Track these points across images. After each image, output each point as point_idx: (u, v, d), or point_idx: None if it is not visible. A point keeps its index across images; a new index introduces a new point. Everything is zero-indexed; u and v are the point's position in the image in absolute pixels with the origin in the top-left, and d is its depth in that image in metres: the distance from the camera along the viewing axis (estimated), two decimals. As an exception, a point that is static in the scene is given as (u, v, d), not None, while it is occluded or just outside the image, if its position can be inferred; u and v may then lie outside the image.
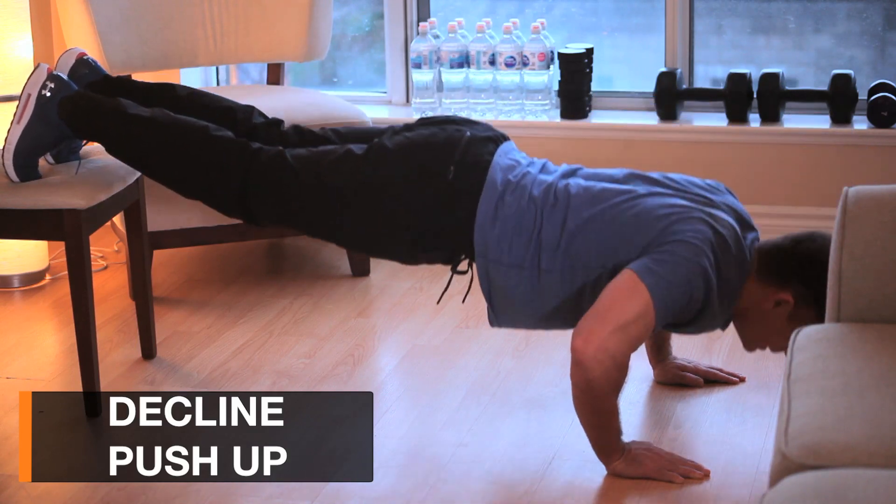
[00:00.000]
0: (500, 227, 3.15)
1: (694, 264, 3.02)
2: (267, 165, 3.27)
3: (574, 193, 3.15)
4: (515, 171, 3.21)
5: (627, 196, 3.14)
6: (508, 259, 3.14)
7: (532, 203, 3.15)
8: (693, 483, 3.08)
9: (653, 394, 3.52)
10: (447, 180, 3.19)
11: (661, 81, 4.69)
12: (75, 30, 4.36)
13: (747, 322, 3.19)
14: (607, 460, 3.10)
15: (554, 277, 3.12)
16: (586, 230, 3.11)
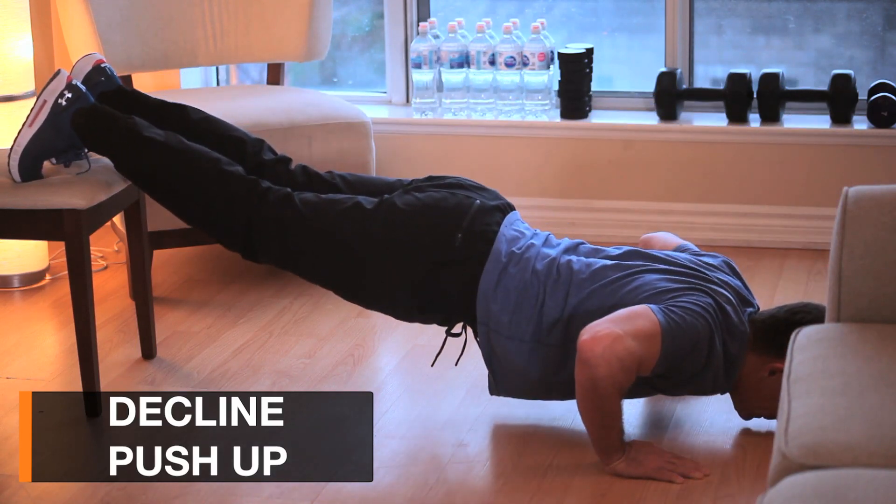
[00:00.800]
0: (502, 297, 3.20)
1: (701, 323, 3.09)
2: (275, 207, 3.31)
3: (576, 269, 3.21)
4: (519, 242, 3.27)
5: (628, 272, 3.20)
6: (508, 331, 3.19)
7: (535, 277, 3.20)
8: (693, 483, 3.08)
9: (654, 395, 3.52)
10: (453, 247, 3.24)
11: (661, 81, 4.68)
12: (75, 30, 4.36)
13: (743, 391, 3.23)
14: (608, 459, 3.11)
15: (554, 352, 3.17)
16: (587, 305, 3.15)
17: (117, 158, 3.42)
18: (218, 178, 3.34)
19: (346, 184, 3.47)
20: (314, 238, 3.29)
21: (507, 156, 4.79)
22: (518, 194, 4.76)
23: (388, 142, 4.77)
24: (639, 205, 4.72)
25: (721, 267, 3.31)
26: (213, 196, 3.34)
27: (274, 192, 3.33)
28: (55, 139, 3.40)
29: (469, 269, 3.23)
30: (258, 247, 3.33)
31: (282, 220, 3.30)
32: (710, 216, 4.68)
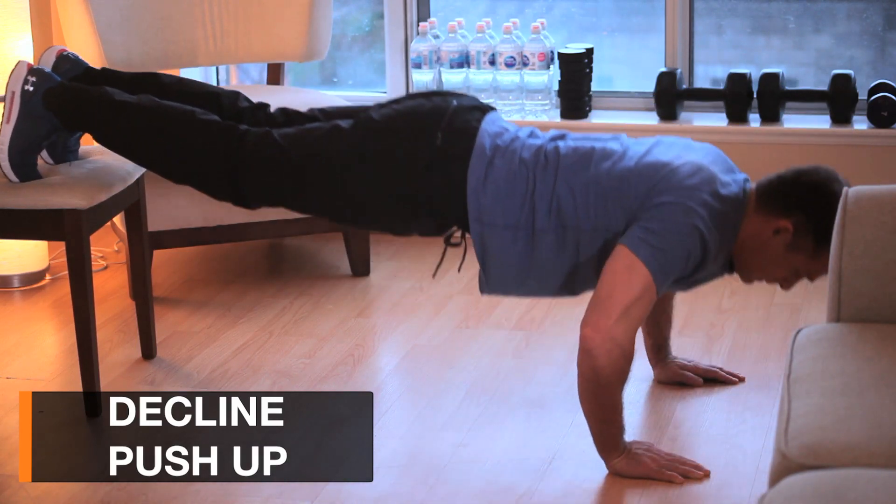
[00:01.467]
0: (492, 190, 3.16)
1: (685, 225, 3.04)
2: (255, 146, 3.27)
3: (563, 154, 3.18)
4: (504, 136, 3.23)
5: (614, 156, 3.16)
6: (503, 221, 3.16)
7: (523, 165, 3.17)
8: (693, 483, 3.08)
9: (653, 394, 3.52)
10: (436, 146, 3.20)
11: (661, 81, 4.69)
12: (75, 30, 4.36)
13: (745, 253, 3.18)
14: (608, 457, 3.11)
15: (548, 238, 3.14)
16: (575, 190, 3.13)
17: (95, 129, 3.40)
18: (195, 129, 3.31)
19: (324, 115, 3.44)
20: (298, 167, 3.26)
21: (507, 156, 4.79)
22: (518, 194, 4.77)
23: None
24: (639, 205, 4.72)
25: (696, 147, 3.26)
26: (193, 147, 3.31)
27: (252, 133, 3.30)
28: (35, 127, 3.39)
29: (455, 168, 3.19)
30: (246, 190, 3.30)
31: (263, 157, 3.27)
32: (710, 216, 4.68)
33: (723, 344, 3.84)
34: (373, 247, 4.59)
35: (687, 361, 3.60)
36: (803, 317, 4.02)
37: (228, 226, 4.26)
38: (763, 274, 3.23)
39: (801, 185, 3.14)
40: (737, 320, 4.01)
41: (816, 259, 3.14)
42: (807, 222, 3.11)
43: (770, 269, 3.19)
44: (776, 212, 3.13)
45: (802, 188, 3.14)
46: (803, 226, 3.11)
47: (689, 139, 3.29)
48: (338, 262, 4.56)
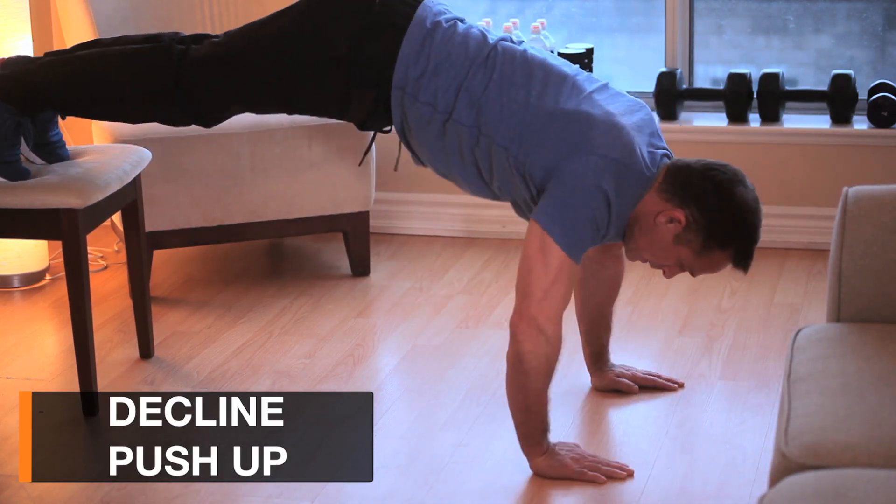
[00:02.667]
0: (423, 63, 3.15)
1: (594, 193, 3.02)
2: (194, 54, 3.26)
3: (507, 59, 3.15)
4: (446, 15, 3.22)
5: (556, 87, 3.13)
6: (424, 96, 3.14)
7: (463, 51, 3.15)
8: (693, 483, 3.08)
9: (653, 394, 3.52)
10: (372, 12, 3.18)
11: (661, 81, 4.69)
12: (75, 30, 4.36)
13: (636, 229, 3.15)
14: (530, 453, 3.10)
15: (462, 131, 3.13)
16: (504, 103, 3.10)
17: (46, 98, 3.38)
18: (132, 59, 3.30)
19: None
20: (240, 56, 3.25)
21: (507, 156, 4.79)
22: (518, 194, 4.77)
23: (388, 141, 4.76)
24: (639, 205, 4.72)
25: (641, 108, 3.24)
26: (136, 74, 3.29)
27: (192, 47, 3.29)
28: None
29: (391, 34, 3.17)
30: (200, 103, 3.28)
31: (204, 63, 3.25)
32: (710, 216, 4.68)
33: (723, 344, 3.84)
34: (373, 247, 4.59)
35: (625, 369, 3.58)
36: (803, 317, 4.02)
37: (228, 226, 4.27)
38: (647, 255, 3.17)
39: (705, 180, 3.10)
40: (737, 320, 4.01)
41: (701, 256, 3.11)
42: (700, 218, 3.07)
43: (655, 253, 3.15)
44: (674, 199, 3.09)
45: (706, 183, 3.09)
46: (695, 221, 3.08)
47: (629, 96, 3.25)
48: (338, 262, 4.56)
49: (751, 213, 3.08)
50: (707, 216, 3.07)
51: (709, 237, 3.08)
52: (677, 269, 3.16)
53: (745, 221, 3.07)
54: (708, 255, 3.11)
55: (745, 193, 3.09)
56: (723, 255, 3.10)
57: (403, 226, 4.84)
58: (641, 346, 3.85)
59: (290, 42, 3.22)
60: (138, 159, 3.65)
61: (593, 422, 3.41)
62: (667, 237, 3.11)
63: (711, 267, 3.14)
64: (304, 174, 4.27)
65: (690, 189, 3.09)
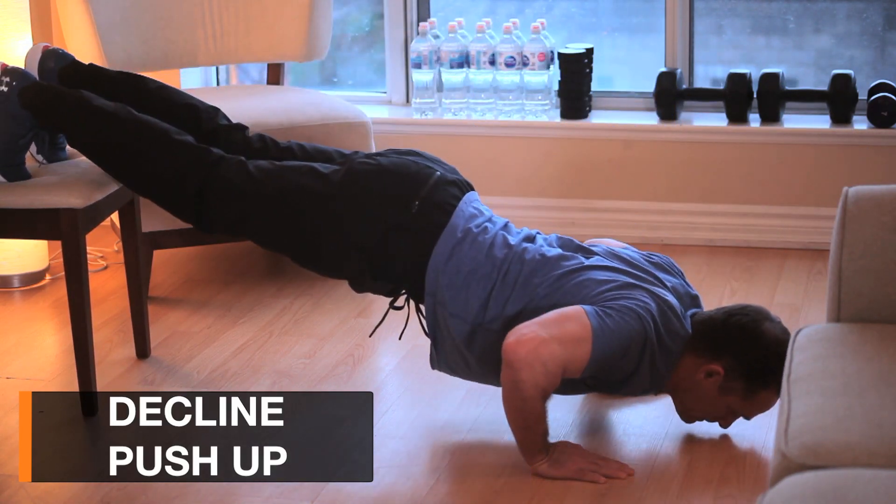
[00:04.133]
0: (451, 273, 3.17)
1: (636, 327, 3.07)
2: (227, 173, 3.28)
3: (528, 259, 3.18)
4: (477, 220, 3.25)
5: (575, 264, 3.18)
6: (453, 308, 3.17)
7: (490, 261, 3.18)
8: (693, 483, 3.08)
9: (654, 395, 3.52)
10: (410, 213, 3.22)
11: (661, 81, 4.68)
12: (75, 30, 4.36)
13: (680, 392, 3.22)
14: (531, 460, 3.11)
15: (494, 336, 3.14)
16: (531, 297, 3.14)
17: (69, 132, 3.39)
18: (168, 148, 3.31)
19: (302, 151, 3.44)
20: (267, 202, 3.26)
21: (507, 156, 4.79)
22: (518, 194, 4.77)
23: (388, 142, 4.76)
24: (639, 205, 4.72)
25: (666, 267, 3.31)
26: (163, 166, 3.30)
27: (226, 160, 3.29)
28: (14, 126, 3.38)
29: (423, 239, 3.20)
30: (211, 215, 3.30)
31: (234, 186, 3.26)
32: (710, 216, 4.68)
33: (723, 344, 3.83)
34: (373, 247, 4.58)
35: None
36: (803, 317, 4.02)
37: (228, 226, 4.26)
38: (700, 412, 3.24)
39: (730, 328, 3.15)
40: (737, 320, 4.01)
41: (748, 400, 3.17)
42: (737, 365, 3.13)
43: (706, 409, 3.22)
44: (707, 355, 3.15)
45: (731, 331, 3.15)
46: (733, 369, 3.13)
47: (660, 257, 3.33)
48: (338, 262, 4.56)
49: (783, 346, 3.04)
50: (742, 361, 3.13)
51: (750, 380, 3.13)
52: (731, 416, 3.22)
53: (779, 355, 2.99)
54: (755, 397, 3.16)
55: (772, 328, 3.15)
56: (769, 393, 3.15)
57: (403, 226, 4.83)
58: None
59: (321, 213, 3.24)
60: (138, 159, 3.65)
61: (593, 422, 3.41)
62: (711, 391, 3.16)
63: (762, 407, 3.19)
64: (304, 174, 4.26)
65: (719, 340, 3.14)
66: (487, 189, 4.63)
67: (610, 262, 3.21)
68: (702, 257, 4.52)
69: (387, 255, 3.22)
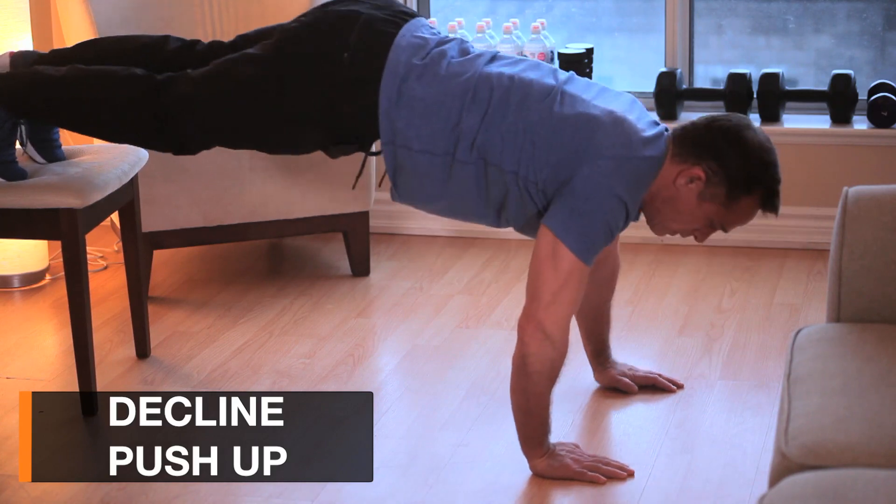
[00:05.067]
0: (406, 113, 3.08)
1: (609, 197, 3.00)
2: (174, 91, 3.24)
3: (496, 86, 3.09)
4: (422, 51, 3.13)
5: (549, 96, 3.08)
6: (419, 145, 3.09)
7: (450, 94, 3.08)
8: (693, 483, 3.08)
9: (653, 394, 3.52)
10: (342, 66, 3.11)
11: (661, 81, 4.69)
12: (75, 30, 4.36)
13: (658, 203, 3.12)
14: (531, 454, 3.10)
15: (468, 169, 3.08)
16: (503, 131, 3.06)
17: (33, 109, 3.38)
18: (116, 88, 3.28)
19: (244, 40, 3.38)
20: (217, 104, 3.21)
21: (507, 156, 4.79)
22: (518, 194, 4.76)
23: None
24: (639, 205, 4.72)
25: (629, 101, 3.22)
26: (118, 106, 3.28)
27: (172, 79, 3.26)
28: None
29: (366, 88, 3.10)
30: (178, 137, 3.26)
31: (184, 100, 3.23)
32: (710, 216, 4.68)
33: (723, 344, 3.84)
34: (373, 247, 4.59)
35: (627, 368, 3.58)
36: (803, 317, 4.02)
37: (228, 226, 4.26)
38: (676, 224, 3.15)
39: (713, 131, 3.08)
40: (737, 320, 4.01)
41: (729, 208, 3.09)
42: (719, 169, 3.05)
43: (683, 219, 3.13)
44: (688, 160, 3.07)
45: (713, 134, 3.08)
46: (715, 173, 3.06)
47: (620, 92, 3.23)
48: (338, 262, 4.56)
49: (766, 153, 3.06)
50: (725, 164, 3.05)
51: (732, 185, 3.05)
52: (709, 229, 3.14)
53: (763, 161, 3.04)
54: (735, 205, 3.08)
55: (755, 136, 3.07)
56: (750, 200, 3.08)
57: (403, 226, 4.84)
58: (641, 346, 3.85)
59: (264, 97, 3.17)
60: (136, 159, 3.65)
61: (593, 422, 3.41)
62: (691, 198, 3.09)
63: (742, 216, 3.11)
64: (304, 174, 4.27)
65: (701, 144, 3.07)
66: (487, 189, 4.63)
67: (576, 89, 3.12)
68: (702, 257, 4.52)
69: (337, 117, 3.13)
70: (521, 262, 4.51)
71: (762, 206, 3.08)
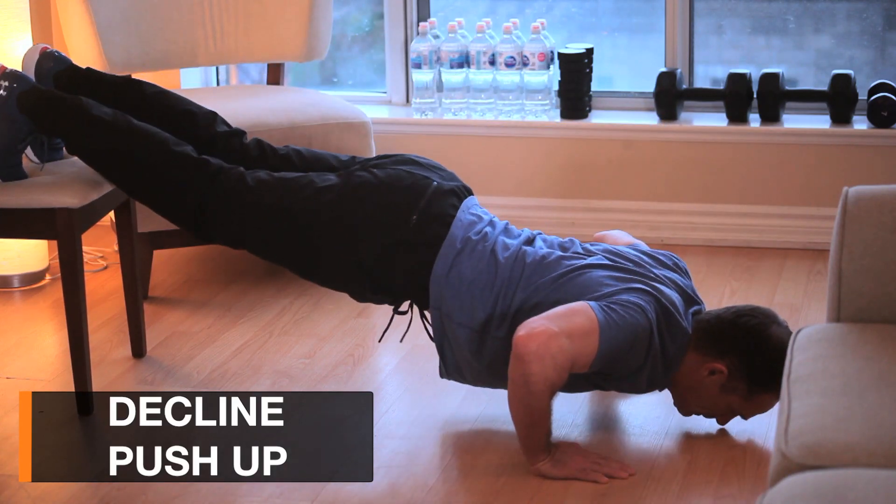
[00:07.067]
0: (454, 284, 3.17)
1: (640, 321, 3.07)
2: (227, 186, 3.28)
3: (528, 262, 3.19)
4: (476, 227, 3.24)
5: (576, 264, 3.18)
6: (459, 317, 3.17)
7: (491, 268, 3.17)
8: (693, 483, 3.08)
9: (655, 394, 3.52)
10: (408, 227, 3.22)
11: (661, 81, 4.68)
12: (75, 30, 4.36)
13: (682, 388, 3.23)
14: (533, 459, 3.11)
15: (500, 343, 3.15)
16: (533, 298, 3.14)
17: (67, 138, 3.39)
18: (167, 160, 3.30)
19: (300, 158, 3.43)
20: (266, 215, 3.26)
21: (507, 156, 4.79)
22: (518, 194, 4.77)
23: (388, 142, 4.77)
24: (639, 205, 4.72)
25: (669, 265, 3.30)
26: (163, 178, 3.30)
27: (225, 172, 3.29)
28: (12, 129, 3.37)
29: (422, 253, 3.20)
30: (210, 227, 3.30)
31: (233, 199, 3.26)
32: (710, 216, 4.68)
33: (723, 344, 3.83)
34: (373, 247, 4.58)
35: None
36: (803, 317, 4.02)
37: (228, 226, 4.26)
38: (699, 409, 3.26)
39: (738, 328, 3.16)
40: (737, 320, 4.00)
41: (749, 401, 3.18)
42: (740, 366, 3.14)
43: (705, 405, 3.23)
44: (712, 353, 3.16)
45: (738, 331, 3.16)
46: (737, 369, 3.14)
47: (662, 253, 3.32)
48: (338, 262, 4.56)
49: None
50: (747, 363, 3.14)
51: (752, 383, 3.15)
52: (730, 415, 3.24)
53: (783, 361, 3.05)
54: (755, 399, 3.18)
55: (779, 332, 3.15)
56: (770, 396, 3.16)
57: (403, 226, 4.83)
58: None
59: (319, 229, 3.23)
60: (135, 159, 3.65)
61: (593, 422, 3.41)
62: (713, 389, 3.17)
63: (761, 408, 3.21)
64: (304, 174, 4.27)
65: (725, 340, 3.15)
66: (487, 189, 4.63)
67: (610, 261, 3.21)
68: (702, 257, 4.52)
69: (386, 270, 3.23)
70: (521, 262, 4.50)
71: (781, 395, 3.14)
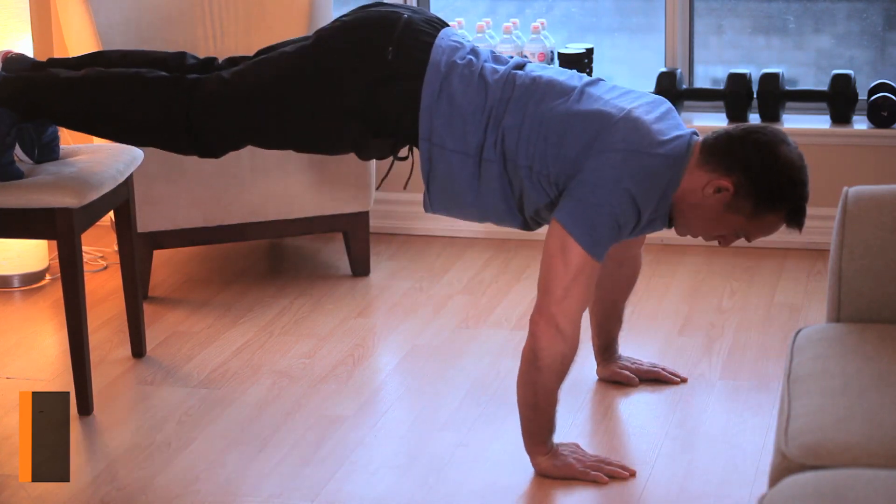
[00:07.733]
0: (445, 110, 3.12)
1: (616, 191, 3.00)
2: (208, 89, 3.25)
3: (518, 84, 3.13)
4: (460, 52, 3.19)
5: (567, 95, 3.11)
6: (452, 144, 3.12)
7: (482, 93, 3.12)
8: (693, 483, 3.08)
9: (654, 394, 3.52)
10: (387, 61, 3.15)
11: (661, 81, 4.68)
12: (75, 30, 4.36)
13: (684, 207, 3.12)
14: (534, 452, 3.10)
15: (494, 168, 3.11)
16: (521, 125, 3.09)
17: (49, 112, 3.38)
18: (144, 88, 3.28)
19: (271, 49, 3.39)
20: (252, 98, 3.22)
21: (507, 156, 4.79)
22: (518, 194, 4.76)
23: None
24: (639, 205, 4.72)
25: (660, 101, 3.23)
26: (146, 106, 3.28)
27: (202, 79, 3.27)
28: None
29: (408, 83, 3.14)
30: (206, 136, 3.26)
31: (216, 97, 3.23)
32: (710, 216, 4.68)
33: (723, 344, 3.84)
34: (373, 247, 4.59)
35: (631, 362, 3.60)
36: (803, 317, 4.02)
37: (228, 226, 4.26)
38: (700, 230, 3.16)
39: (747, 144, 3.07)
40: (737, 320, 4.01)
41: (754, 221, 3.09)
42: (747, 183, 3.05)
43: (707, 226, 3.14)
44: (718, 169, 3.06)
45: (747, 147, 3.07)
46: (743, 186, 3.05)
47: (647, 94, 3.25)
48: (338, 262, 4.56)
49: (797, 171, 3.05)
50: (754, 179, 3.05)
51: (759, 200, 3.05)
52: (733, 237, 3.15)
53: (792, 180, 3.03)
54: (761, 219, 3.09)
55: (789, 152, 3.06)
56: (775, 216, 3.08)
57: (403, 226, 4.84)
58: (642, 345, 3.84)
59: (303, 92, 3.19)
60: (131, 159, 3.65)
61: (594, 421, 3.41)
62: (717, 207, 3.08)
63: (766, 229, 3.12)
64: (304, 174, 4.27)
65: (733, 155, 3.06)
66: (487, 189, 4.63)
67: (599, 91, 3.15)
68: (702, 257, 4.52)
69: (379, 111, 3.16)
70: (520, 262, 4.51)
71: (787, 222, 3.09)
